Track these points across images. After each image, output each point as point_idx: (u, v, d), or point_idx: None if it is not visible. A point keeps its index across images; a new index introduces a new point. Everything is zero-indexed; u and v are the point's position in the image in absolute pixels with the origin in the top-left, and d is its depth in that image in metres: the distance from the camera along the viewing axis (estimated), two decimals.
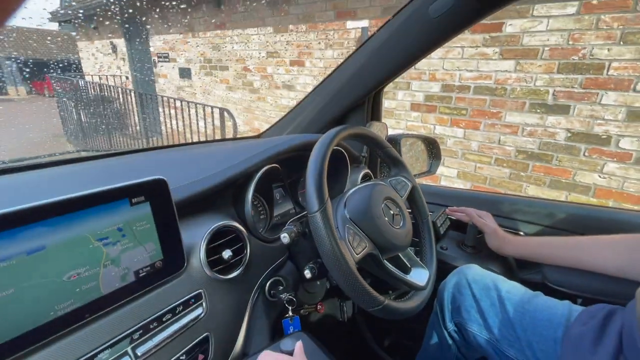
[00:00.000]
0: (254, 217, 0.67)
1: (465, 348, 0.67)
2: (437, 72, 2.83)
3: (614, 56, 2.09)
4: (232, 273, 0.56)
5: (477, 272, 0.69)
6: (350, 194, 0.63)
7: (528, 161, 2.56)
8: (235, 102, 4.64)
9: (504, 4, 0.68)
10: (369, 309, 0.52)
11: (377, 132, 1.04)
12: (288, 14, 3.71)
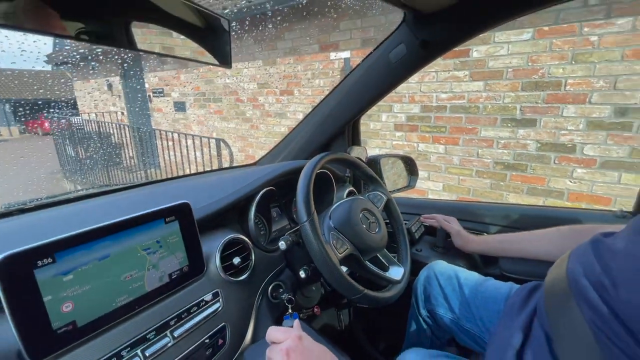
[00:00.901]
0: (256, 231, 0.81)
1: (437, 330, 0.80)
2: (415, 94, 3.07)
3: (569, 74, 2.34)
4: (242, 276, 0.69)
5: (443, 266, 0.83)
6: (334, 207, 0.78)
7: (505, 171, 2.75)
8: (230, 131, 4.85)
9: (445, 52, 0.87)
10: (351, 297, 0.66)
11: (357, 155, 1.21)
12: (276, 48, 3.99)
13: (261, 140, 4.49)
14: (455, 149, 2.96)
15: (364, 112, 1.09)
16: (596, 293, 0.44)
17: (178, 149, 4.37)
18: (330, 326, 1.25)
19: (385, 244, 0.79)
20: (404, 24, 0.86)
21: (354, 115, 1.09)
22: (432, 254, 0.99)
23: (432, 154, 3.09)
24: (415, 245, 1.04)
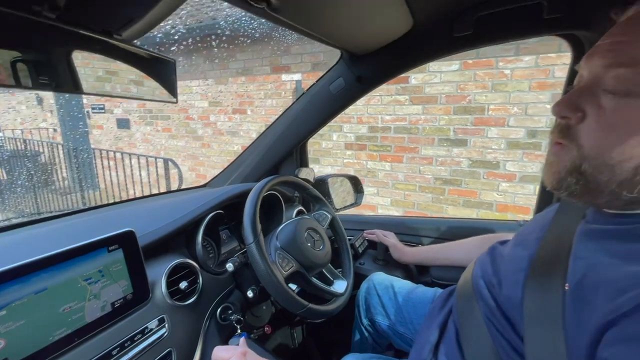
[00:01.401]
0: (204, 255, 0.83)
1: (377, 336, 0.87)
2: (363, 116, 3.29)
3: (490, 101, 2.70)
4: (189, 300, 0.70)
5: (381, 277, 0.92)
6: (281, 228, 0.83)
7: (444, 186, 3.03)
8: (179, 149, 4.68)
9: (378, 85, 0.99)
10: (296, 312, 0.71)
11: (305, 176, 1.28)
12: (228, 68, 4.01)
13: (213, 159, 4.40)
14: (400, 166, 3.19)
15: (311, 136, 1.18)
16: (488, 291, 0.54)
17: (121, 169, 4.09)
18: (285, 345, 1.27)
19: (329, 260, 0.86)
20: (342, 60, 0.97)
21: (301, 139, 1.17)
22: (374, 266, 1.07)
23: (380, 171, 3.30)
24: (358, 259, 1.12)
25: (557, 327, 0.40)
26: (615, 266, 0.37)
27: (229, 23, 3.62)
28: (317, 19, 0.63)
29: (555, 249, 0.47)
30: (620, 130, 0.37)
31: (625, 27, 0.38)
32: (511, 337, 0.46)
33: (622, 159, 0.37)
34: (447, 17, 0.75)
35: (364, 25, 0.71)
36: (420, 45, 0.83)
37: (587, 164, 0.40)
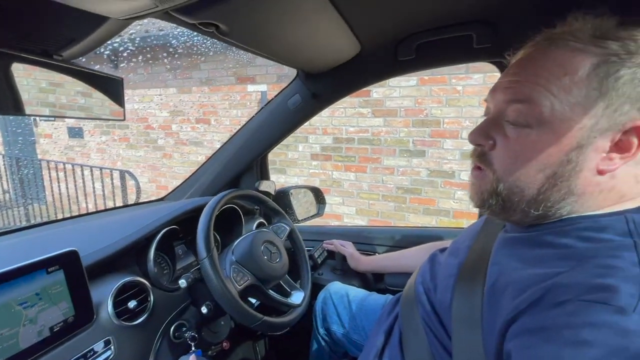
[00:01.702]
0: (157, 271, 0.81)
1: (333, 345, 0.89)
2: (328, 127, 3.36)
3: (444, 115, 2.89)
4: (138, 319, 0.68)
5: (337, 286, 0.95)
6: (237, 242, 0.84)
7: (405, 195, 3.17)
8: (139, 160, 4.47)
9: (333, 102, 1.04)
10: (252, 325, 0.72)
11: (266, 189, 1.30)
12: (191, 77, 3.93)
13: (175, 170, 4.25)
14: (364, 176, 3.29)
15: (271, 149, 1.20)
16: (426, 296, 0.59)
17: (72, 180, 3.82)
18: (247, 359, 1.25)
19: (285, 272, 0.87)
20: (298, 78, 1.00)
21: (260, 152, 1.18)
22: (332, 276, 1.10)
23: (345, 181, 3.38)
24: (317, 270, 1.15)
25: (477, 327, 0.44)
26: (520, 269, 0.42)
27: (192, 33, 3.57)
28: (267, 42, 0.66)
29: (479, 256, 0.53)
30: (523, 157, 0.43)
31: (517, 67, 0.45)
32: (443, 338, 0.51)
33: (528, 181, 0.43)
34: (391, 43, 0.81)
35: (313, 49, 0.75)
36: (369, 67, 0.89)
37: (502, 186, 0.45)
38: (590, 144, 0.40)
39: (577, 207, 0.43)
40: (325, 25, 0.65)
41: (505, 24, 0.72)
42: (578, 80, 0.40)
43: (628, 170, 0.41)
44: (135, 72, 4.22)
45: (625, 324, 0.29)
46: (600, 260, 0.35)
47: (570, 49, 0.41)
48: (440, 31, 0.78)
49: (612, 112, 0.39)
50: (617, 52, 0.39)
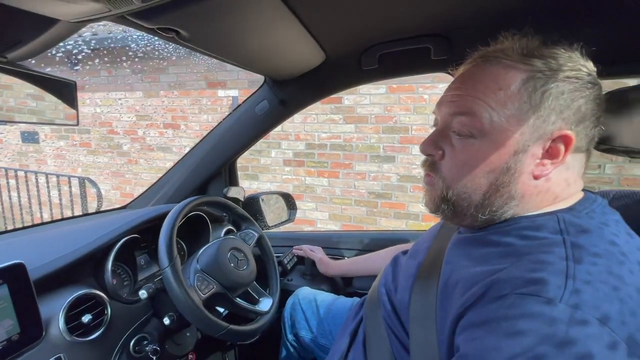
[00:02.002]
0: (115, 284, 0.77)
1: (302, 351, 0.90)
2: (300, 133, 3.38)
3: (412, 122, 3.00)
4: (93, 334, 0.65)
5: (306, 292, 0.95)
6: (202, 250, 0.82)
7: (377, 200, 3.23)
8: (101, 166, 4.24)
9: (301, 109, 1.06)
10: (217, 335, 0.70)
11: (234, 195, 1.28)
12: (159, 81, 3.81)
13: (142, 177, 4.07)
14: (336, 181, 3.33)
15: (239, 155, 1.19)
16: (387, 297, 0.61)
17: (24, 189, 3.55)
18: None
19: (253, 279, 0.87)
20: (265, 84, 1.01)
21: (228, 158, 1.17)
22: (302, 282, 1.11)
23: (318, 186, 3.40)
24: (287, 276, 1.15)
25: (432, 324, 0.47)
26: (469, 267, 0.45)
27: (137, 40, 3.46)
28: (230, 48, 0.66)
29: (435, 256, 0.56)
30: (469, 165, 0.47)
31: (459, 82, 0.49)
32: (402, 337, 0.53)
33: (474, 187, 0.47)
34: (355, 52, 0.84)
35: (278, 56, 0.76)
36: (335, 75, 0.92)
37: (451, 193, 0.48)
38: (525, 152, 0.44)
39: (518, 209, 0.46)
40: (288, 34, 0.66)
41: (458, 39, 0.78)
42: (511, 94, 0.44)
43: (560, 174, 0.46)
44: (98, 74, 4.03)
45: (552, 313, 0.32)
46: (534, 256, 0.38)
47: (503, 65, 0.45)
48: (400, 43, 0.82)
49: (541, 123, 0.43)
50: (541, 69, 0.43)
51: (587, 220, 0.41)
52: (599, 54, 0.47)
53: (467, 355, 0.36)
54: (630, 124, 0.54)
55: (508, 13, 0.66)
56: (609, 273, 0.34)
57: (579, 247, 0.37)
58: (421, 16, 0.72)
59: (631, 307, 0.32)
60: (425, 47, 0.82)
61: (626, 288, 0.33)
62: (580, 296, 0.33)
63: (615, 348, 0.30)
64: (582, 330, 0.31)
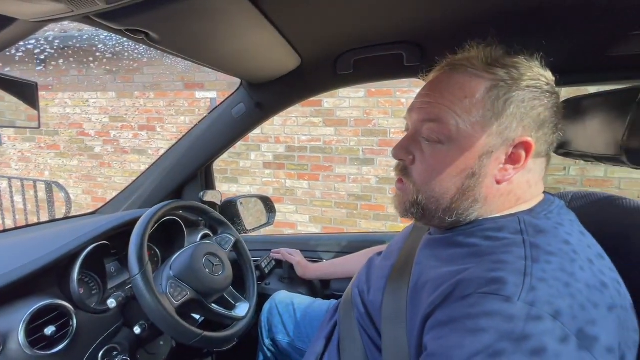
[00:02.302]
0: (82, 293, 0.74)
1: (279, 355, 0.89)
2: (280, 136, 3.37)
3: (391, 125, 3.06)
4: (57, 347, 0.62)
5: (283, 295, 0.95)
6: (176, 256, 0.80)
7: (357, 202, 3.27)
8: (71, 169, 4.04)
9: (278, 112, 1.06)
10: (190, 343, 0.69)
11: (211, 199, 1.26)
12: (133, 81, 3.69)
13: (115, 180, 3.92)
14: (317, 184, 3.34)
15: (215, 158, 1.17)
16: (360, 298, 0.62)
17: None
18: None
19: (229, 284, 0.85)
20: (242, 87, 1.00)
21: (205, 161, 1.15)
22: (280, 285, 1.10)
23: (298, 189, 3.39)
24: (265, 280, 1.14)
25: (402, 323, 0.48)
26: (438, 268, 0.47)
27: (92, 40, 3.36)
28: (203, 51, 0.65)
29: (407, 257, 0.58)
30: (437, 170, 0.48)
31: (428, 89, 0.51)
32: (375, 337, 0.54)
33: (442, 192, 0.48)
34: (330, 57, 0.85)
35: (253, 60, 0.76)
36: (310, 79, 0.93)
37: (421, 197, 0.50)
38: (489, 157, 0.46)
39: (482, 212, 0.49)
40: (262, 38, 0.66)
41: (429, 46, 0.80)
42: (476, 102, 0.46)
43: (522, 177, 0.48)
44: (67, 73, 3.85)
45: (511, 311, 0.34)
46: (496, 256, 0.40)
47: (469, 74, 0.47)
48: (374, 49, 0.84)
49: (504, 130, 0.45)
50: (504, 78, 0.46)
51: (544, 221, 0.44)
52: (557, 64, 0.50)
53: (433, 354, 0.38)
54: (585, 130, 0.58)
55: (475, 23, 0.69)
56: (561, 270, 0.37)
57: (536, 247, 0.39)
58: (394, 24, 0.74)
59: (581, 302, 0.34)
60: (398, 54, 0.84)
61: (577, 284, 0.36)
62: (535, 293, 0.35)
63: (567, 341, 0.32)
64: (536, 326, 0.33)
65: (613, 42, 0.69)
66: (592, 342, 0.33)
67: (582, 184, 2.71)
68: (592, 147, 0.56)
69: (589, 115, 0.57)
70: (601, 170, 2.69)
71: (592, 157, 0.58)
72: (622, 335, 0.36)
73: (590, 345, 0.32)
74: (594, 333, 0.33)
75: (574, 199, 0.64)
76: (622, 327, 0.36)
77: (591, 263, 0.39)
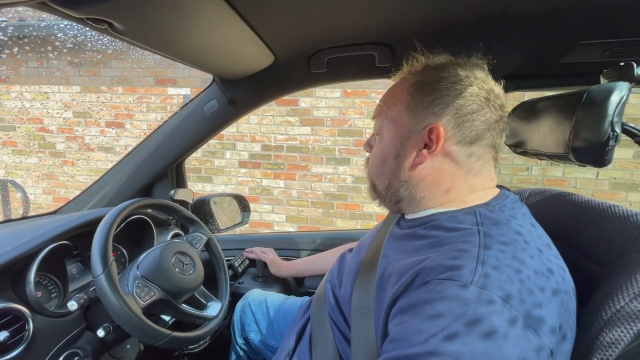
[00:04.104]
0: (40, 296, 0.70)
1: (252, 354, 0.88)
2: (256, 134, 3.33)
3: (366, 125, 3.11)
4: (11, 353, 0.58)
5: (256, 293, 0.95)
6: (143, 256, 0.78)
7: (333, 201, 3.29)
8: (30, 168, 3.78)
9: (251, 109, 1.05)
10: (158, 344, 0.67)
11: (182, 197, 1.22)
12: (99, 75, 3.51)
13: (79, 179, 3.71)
14: (293, 183, 3.33)
15: (186, 156, 1.14)
16: (332, 292, 0.63)
17: None
18: None
19: (199, 283, 0.84)
20: (214, 83, 0.99)
21: (175, 158, 1.12)
22: (253, 284, 1.09)
23: (275, 188, 3.37)
24: (238, 279, 1.13)
25: (370, 314, 0.49)
26: (402, 259, 0.49)
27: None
28: (171, 45, 0.64)
29: (375, 251, 0.59)
30: (377, 155, 0.58)
31: (383, 95, 0.59)
32: (344, 329, 0.55)
33: (381, 173, 0.57)
34: (303, 55, 0.86)
35: (224, 56, 0.75)
36: (284, 77, 0.93)
37: (373, 181, 0.61)
38: (407, 142, 0.53)
39: (437, 204, 0.52)
40: (233, 34, 0.65)
41: (400, 48, 0.83)
42: (399, 98, 0.55)
43: (446, 164, 0.52)
44: (27, 65, 3.60)
45: (465, 295, 0.36)
46: (455, 245, 0.43)
47: (403, 77, 0.57)
48: (347, 48, 0.85)
49: (419, 118, 0.52)
50: (425, 78, 0.53)
51: (499, 214, 0.47)
52: (515, 70, 0.54)
53: (394, 339, 0.39)
54: (538, 130, 0.62)
55: (442, 27, 0.72)
56: (513, 258, 0.39)
57: (489, 237, 0.42)
58: (366, 25, 0.76)
59: (529, 287, 0.37)
60: (370, 54, 0.86)
61: (526, 270, 0.38)
62: (488, 279, 0.37)
63: (515, 323, 0.35)
64: (487, 308, 0.35)
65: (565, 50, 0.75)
66: (538, 323, 0.35)
67: (543, 183, 2.89)
68: (545, 146, 0.60)
69: (542, 116, 0.61)
70: (560, 170, 2.88)
71: (545, 156, 0.62)
72: (564, 317, 0.39)
73: (536, 326, 0.35)
74: (540, 315, 0.36)
75: (531, 195, 0.68)
76: (565, 310, 0.39)
77: (540, 252, 0.42)
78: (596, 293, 0.44)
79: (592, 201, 0.55)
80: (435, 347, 0.35)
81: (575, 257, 0.51)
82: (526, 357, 0.34)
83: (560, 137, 0.54)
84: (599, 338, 0.39)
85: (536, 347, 0.35)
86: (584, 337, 0.41)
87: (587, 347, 0.39)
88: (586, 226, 0.53)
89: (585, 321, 0.42)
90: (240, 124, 3.30)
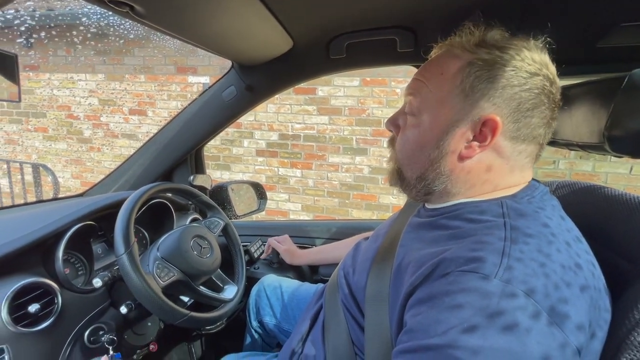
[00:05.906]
0: (69, 273, 0.74)
1: (266, 337, 0.91)
2: (274, 123, 3.34)
3: (385, 115, 3.05)
4: (41, 325, 0.62)
5: (271, 279, 0.96)
6: (163, 238, 0.80)
7: (349, 191, 3.28)
8: (59, 153, 3.97)
9: (269, 96, 1.04)
10: (176, 322, 0.69)
11: (201, 183, 1.25)
12: (123, 63, 3.60)
13: (105, 165, 3.86)
14: (309, 172, 3.34)
15: (205, 142, 1.16)
16: (345, 279, 0.62)
17: None
18: None
19: (217, 267, 0.86)
20: (233, 69, 0.99)
21: (194, 145, 1.14)
22: (269, 270, 1.11)
23: (291, 177, 3.39)
24: (254, 264, 1.15)
25: (385, 303, 0.49)
26: (421, 249, 0.48)
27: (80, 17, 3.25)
28: (192, 29, 0.64)
29: (392, 240, 0.58)
30: (410, 140, 0.51)
31: (418, 69, 0.53)
32: (358, 317, 0.55)
33: (413, 160, 0.51)
34: (322, 40, 0.84)
35: (244, 40, 0.74)
36: (302, 63, 0.91)
37: (399, 165, 0.54)
38: (454, 132, 0.47)
39: (460, 195, 0.50)
40: (254, 18, 0.64)
41: (423, 31, 0.80)
42: (448, 78, 0.48)
43: (490, 158, 0.48)
44: (55, 53, 3.73)
45: (487, 288, 0.35)
46: (477, 237, 0.41)
47: (449, 54, 0.49)
48: (367, 33, 0.83)
49: (471, 106, 0.46)
50: (483, 57, 0.46)
51: (526, 205, 0.45)
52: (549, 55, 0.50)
53: (412, 330, 0.39)
54: (570, 118, 0.59)
55: (468, 9, 0.68)
56: (538, 251, 0.38)
57: (515, 229, 0.40)
58: (387, 7, 0.73)
59: (555, 281, 0.36)
60: (391, 39, 0.83)
61: (552, 264, 0.37)
62: (512, 272, 0.36)
63: (538, 317, 0.33)
64: (510, 302, 0.34)
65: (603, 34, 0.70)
66: (563, 319, 0.34)
67: (570, 178, 2.76)
68: (577, 136, 0.57)
69: (575, 103, 0.57)
70: (589, 164, 2.74)
71: (577, 146, 0.59)
72: (594, 315, 0.37)
73: (560, 322, 0.34)
74: (565, 311, 0.34)
75: (558, 188, 0.65)
76: (594, 307, 0.37)
77: (568, 245, 0.40)
78: (627, 291, 0.42)
79: (625, 194, 0.52)
80: (453, 340, 0.34)
81: (604, 252, 0.48)
82: (550, 354, 0.32)
83: (595, 126, 0.50)
84: (629, 338, 0.37)
85: (561, 344, 0.33)
86: (613, 337, 0.39)
87: (617, 346, 0.38)
88: (618, 221, 0.50)
89: (615, 320, 0.40)
90: (257, 112, 3.31)
